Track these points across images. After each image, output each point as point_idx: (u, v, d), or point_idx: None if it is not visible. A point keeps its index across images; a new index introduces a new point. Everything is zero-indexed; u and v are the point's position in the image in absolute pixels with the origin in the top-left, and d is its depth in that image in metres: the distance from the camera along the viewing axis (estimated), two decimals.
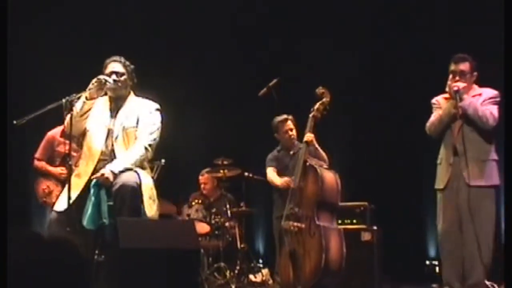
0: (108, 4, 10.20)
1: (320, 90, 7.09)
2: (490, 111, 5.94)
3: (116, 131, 5.42)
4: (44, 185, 7.50)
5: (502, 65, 5.63)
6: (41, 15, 9.71)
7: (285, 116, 7.46)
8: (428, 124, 6.23)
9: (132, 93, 5.65)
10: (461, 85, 5.98)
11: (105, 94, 5.53)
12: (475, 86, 6.17)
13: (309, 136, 6.97)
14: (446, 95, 6.18)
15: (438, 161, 6.22)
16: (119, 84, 5.49)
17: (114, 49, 5.95)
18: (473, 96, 6.06)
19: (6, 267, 2.13)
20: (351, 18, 10.27)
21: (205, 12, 10.62)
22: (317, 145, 7.10)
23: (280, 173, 7.35)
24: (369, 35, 10.14)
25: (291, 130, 7.45)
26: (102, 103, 5.57)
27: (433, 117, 6.21)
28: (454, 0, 9.53)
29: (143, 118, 5.49)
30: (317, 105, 7.02)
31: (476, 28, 8.91)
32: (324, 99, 7.04)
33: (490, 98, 6.05)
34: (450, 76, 6.10)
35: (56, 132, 7.55)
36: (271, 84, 7.66)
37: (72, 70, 8.86)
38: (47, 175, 7.54)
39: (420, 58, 9.38)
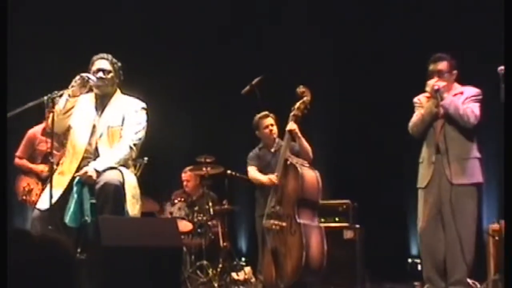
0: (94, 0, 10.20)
1: (300, 89, 7.09)
2: (471, 109, 5.97)
3: (101, 129, 5.41)
4: (25, 182, 7.46)
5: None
6: (22, 8, 9.65)
7: (264, 112, 7.46)
8: (410, 124, 6.25)
9: (118, 90, 5.63)
10: (441, 84, 6.01)
11: (89, 91, 5.50)
12: (456, 85, 6.20)
13: (291, 125, 6.96)
14: (428, 94, 6.20)
15: (420, 160, 6.24)
16: (106, 82, 5.48)
17: (99, 46, 5.93)
18: (455, 94, 6.08)
19: (6, 267, 2.13)
20: (338, 16, 10.29)
21: (189, 11, 10.59)
22: (300, 135, 7.05)
23: (262, 171, 7.34)
24: (358, 34, 10.15)
25: (272, 125, 7.42)
26: (88, 100, 5.54)
27: (415, 117, 6.23)
28: None
29: (129, 117, 5.48)
30: (297, 104, 7.03)
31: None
32: (304, 98, 7.04)
33: (472, 96, 6.08)
34: (430, 76, 6.13)
35: (37, 130, 7.51)
36: (254, 82, 7.65)
37: (55, 67, 8.85)
38: (29, 172, 7.51)
39: (403, 58, 9.37)
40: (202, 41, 10.69)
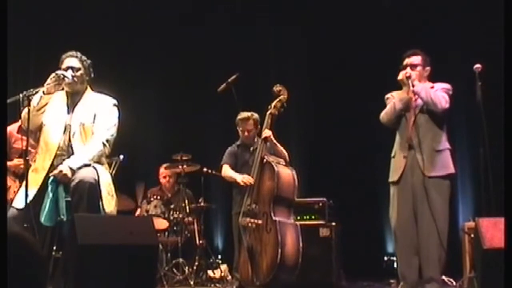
0: None
1: (277, 87, 7.12)
2: (442, 95, 6.01)
3: (74, 127, 5.40)
4: None
5: (502, 65, 5.60)
6: None
7: (248, 114, 7.43)
8: (382, 113, 6.26)
9: (89, 88, 5.64)
10: (413, 73, 6.06)
11: (62, 89, 5.50)
12: (428, 83, 6.22)
13: (266, 132, 7.00)
14: (400, 91, 6.22)
15: (392, 154, 6.25)
16: (76, 79, 5.48)
17: (71, 43, 5.91)
18: None
19: (6, 267, 2.10)
20: (313, 16, 10.31)
21: (163, 9, 10.57)
22: (275, 141, 7.13)
23: (239, 169, 7.35)
24: (332, 34, 10.17)
25: (249, 131, 7.42)
26: (59, 98, 5.54)
27: (387, 107, 6.24)
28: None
29: (101, 113, 5.48)
30: (274, 103, 7.07)
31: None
32: (281, 97, 7.08)
33: (443, 88, 6.12)
34: (403, 69, 6.15)
35: (13, 128, 7.44)
36: (230, 79, 7.64)
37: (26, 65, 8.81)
38: None
39: (377, 57, 9.40)
40: (177, 38, 10.66)
